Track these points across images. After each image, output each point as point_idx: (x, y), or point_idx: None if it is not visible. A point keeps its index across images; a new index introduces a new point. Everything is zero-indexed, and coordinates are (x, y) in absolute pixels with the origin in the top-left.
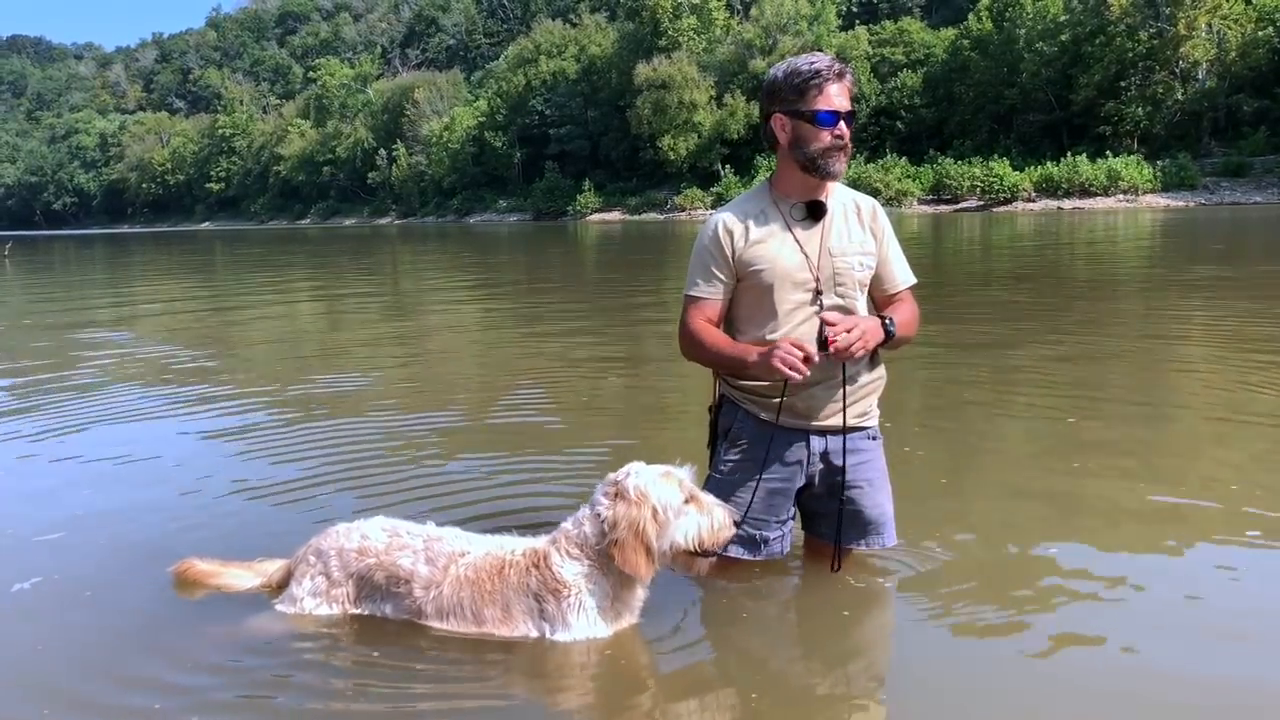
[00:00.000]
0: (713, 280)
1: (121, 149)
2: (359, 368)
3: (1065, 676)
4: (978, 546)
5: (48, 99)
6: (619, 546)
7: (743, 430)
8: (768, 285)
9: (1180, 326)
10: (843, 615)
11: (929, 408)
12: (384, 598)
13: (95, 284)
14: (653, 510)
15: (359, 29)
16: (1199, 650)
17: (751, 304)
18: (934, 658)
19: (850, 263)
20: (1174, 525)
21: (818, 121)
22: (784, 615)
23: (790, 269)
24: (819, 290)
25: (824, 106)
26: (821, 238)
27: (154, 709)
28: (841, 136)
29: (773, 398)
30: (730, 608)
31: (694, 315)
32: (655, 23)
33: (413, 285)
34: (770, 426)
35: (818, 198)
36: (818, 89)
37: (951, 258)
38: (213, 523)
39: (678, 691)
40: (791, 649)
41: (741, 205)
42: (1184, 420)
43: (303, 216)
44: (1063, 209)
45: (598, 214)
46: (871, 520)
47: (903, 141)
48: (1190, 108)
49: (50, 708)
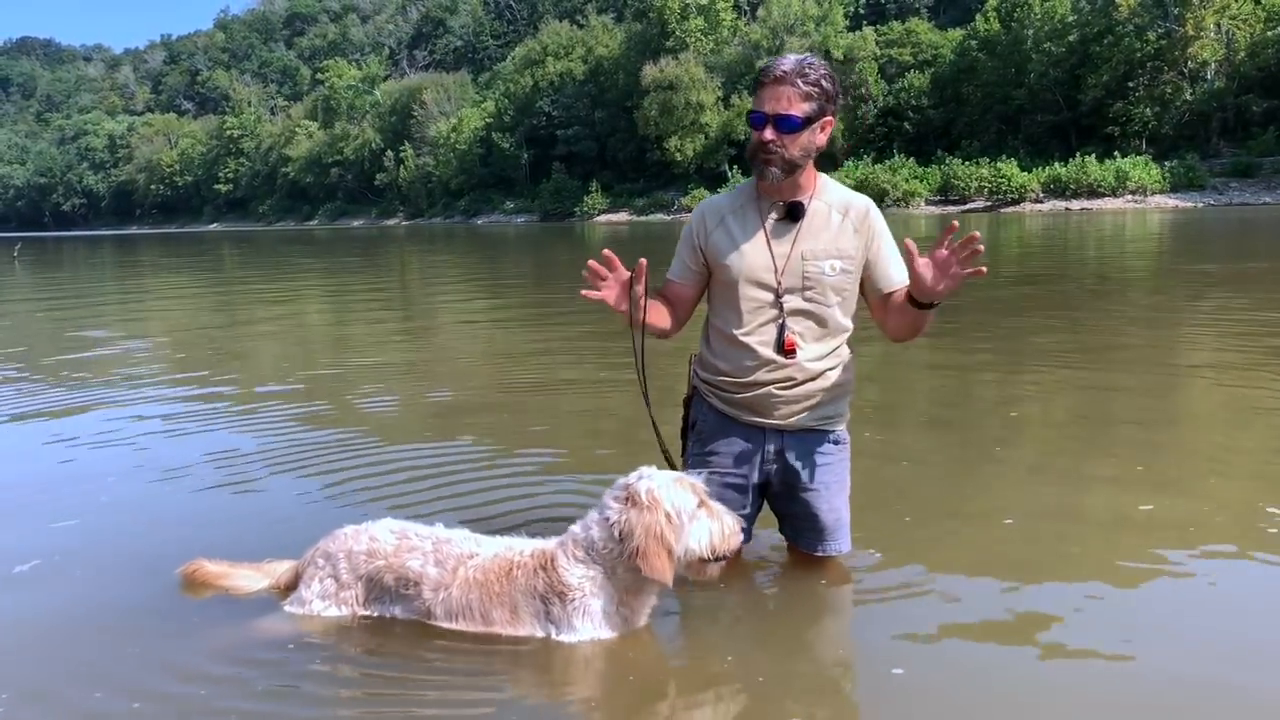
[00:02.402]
0: (682, 264)
1: (130, 150)
2: (373, 373)
3: (1064, 684)
4: (981, 546)
5: (57, 101)
6: (642, 555)
7: (705, 422)
8: (732, 281)
9: (1191, 328)
10: (842, 620)
11: (933, 408)
12: (393, 599)
13: (105, 285)
14: (666, 515)
15: (366, 30)
16: (1201, 655)
17: (721, 297)
18: (935, 660)
19: (822, 267)
20: (1177, 529)
21: (748, 122)
22: (788, 618)
23: (755, 268)
24: (780, 294)
25: (754, 108)
26: (795, 239)
27: (159, 712)
28: (766, 142)
29: (731, 392)
30: (731, 608)
31: (664, 292)
32: (662, 24)
33: (422, 291)
34: (728, 420)
35: (797, 198)
36: (758, 90)
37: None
38: (222, 523)
39: (684, 693)
40: (792, 650)
41: (729, 197)
42: (1193, 423)
43: (310, 218)
44: (1070, 210)
45: (605, 215)
46: (826, 525)
47: (910, 142)
48: (1199, 108)
49: (54, 710)
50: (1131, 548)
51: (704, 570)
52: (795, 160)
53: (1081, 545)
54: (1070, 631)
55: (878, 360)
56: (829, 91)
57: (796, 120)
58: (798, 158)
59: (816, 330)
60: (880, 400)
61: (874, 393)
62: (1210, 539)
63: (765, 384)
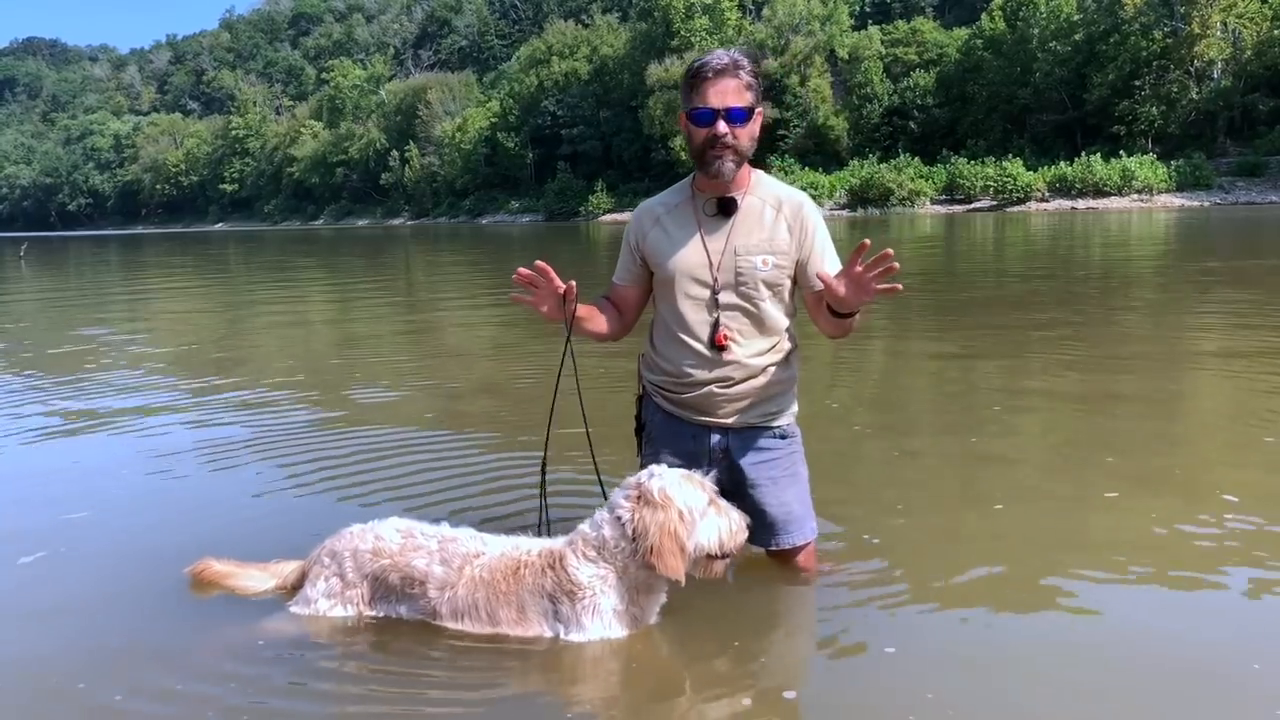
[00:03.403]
0: (624, 266)
1: (136, 150)
2: (378, 371)
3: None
4: (983, 547)
5: (63, 101)
6: (656, 553)
7: (653, 423)
8: (669, 279)
9: (1198, 331)
10: (844, 618)
11: (937, 409)
12: (399, 599)
13: (111, 285)
14: (679, 513)
15: (371, 30)
16: (1191, 642)
17: (661, 295)
18: (935, 663)
19: (754, 262)
20: (1179, 524)
21: (693, 120)
22: (795, 616)
23: (690, 265)
24: (715, 290)
25: (699, 104)
26: (729, 235)
27: (165, 712)
28: (720, 136)
29: (675, 392)
30: (736, 608)
31: (609, 296)
32: (667, 23)
33: (429, 288)
34: (675, 420)
35: (729, 194)
36: (697, 88)
37: (964, 259)
38: (229, 523)
39: (691, 691)
40: (790, 634)
41: (663, 197)
42: (1199, 426)
43: (316, 217)
44: (1076, 209)
45: (610, 215)
46: (776, 519)
47: (916, 141)
48: (1205, 107)
49: (61, 711)
50: (1132, 538)
51: (711, 567)
52: (745, 151)
53: (1080, 535)
54: (1064, 616)
55: (880, 352)
56: (760, 84)
57: (744, 111)
58: (747, 149)
59: (751, 327)
60: (879, 392)
61: (873, 385)
62: (1213, 534)
63: (705, 383)
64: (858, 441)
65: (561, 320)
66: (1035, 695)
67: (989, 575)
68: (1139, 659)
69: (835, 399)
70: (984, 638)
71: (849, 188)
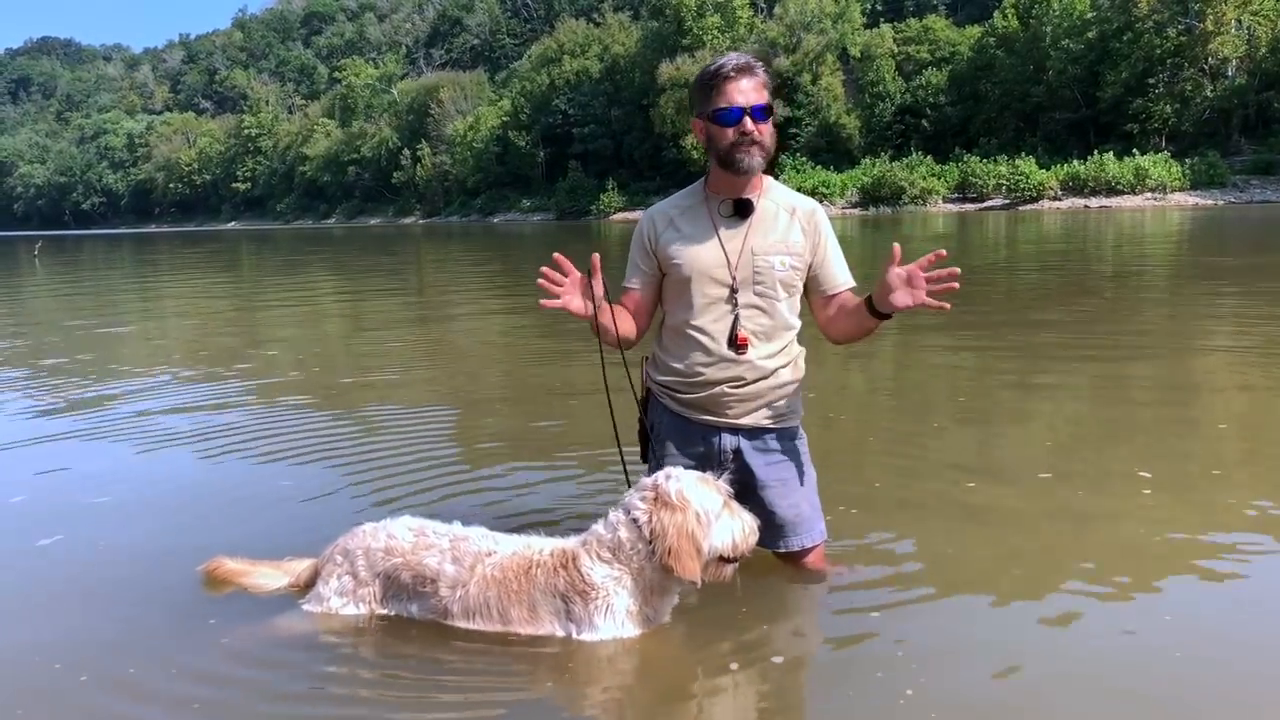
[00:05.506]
0: (636, 268)
1: (149, 149)
2: (389, 367)
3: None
4: (1000, 550)
5: (77, 100)
6: (674, 555)
7: (661, 425)
8: (685, 278)
9: (1207, 333)
10: (851, 619)
11: (950, 408)
12: (410, 597)
13: (126, 284)
14: (696, 515)
15: (384, 29)
16: (1196, 635)
17: (674, 294)
18: (952, 666)
19: (771, 262)
20: (1179, 520)
21: (718, 120)
22: (806, 617)
23: (708, 265)
24: (734, 288)
25: (723, 104)
26: (746, 236)
27: (170, 711)
28: (748, 132)
29: (684, 393)
30: (748, 608)
31: (621, 301)
32: (679, 21)
33: (440, 287)
34: (684, 421)
35: (745, 195)
36: (718, 89)
37: (978, 256)
38: (241, 521)
39: (703, 692)
40: (808, 651)
41: (675, 200)
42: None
43: (328, 216)
44: (1089, 207)
45: (621, 213)
46: (785, 521)
47: (928, 140)
48: (1219, 105)
49: (62, 709)
50: (1133, 532)
51: (721, 570)
52: (770, 148)
53: (1100, 536)
54: (1087, 621)
55: (892, 344)
56: (771, 85)
57: (765, 108)
58: (770, 145)
59: (767, 327)
60: (890, 391)
61: (885, 383)
62: (1214, 528)
63: (717, 383)
64: (868, 441)
65: (589, 316)
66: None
67: (1007, 577)
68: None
69: (846, 397)
70: (1003, 640)
71: (861, 186)
